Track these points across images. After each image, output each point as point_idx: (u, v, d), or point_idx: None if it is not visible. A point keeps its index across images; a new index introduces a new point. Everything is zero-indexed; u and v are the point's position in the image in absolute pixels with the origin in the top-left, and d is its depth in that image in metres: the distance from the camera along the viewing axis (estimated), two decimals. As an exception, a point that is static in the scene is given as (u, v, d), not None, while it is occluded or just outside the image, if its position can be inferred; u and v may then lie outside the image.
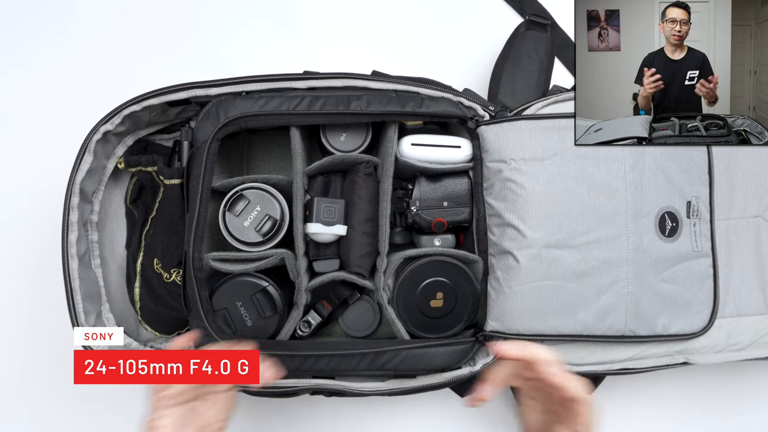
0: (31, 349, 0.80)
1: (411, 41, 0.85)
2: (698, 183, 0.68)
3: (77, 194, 0.64)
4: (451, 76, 0.75)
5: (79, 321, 0.63)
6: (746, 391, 0.80)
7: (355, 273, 0.68)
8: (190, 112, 0.72)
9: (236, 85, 0.64)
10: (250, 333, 0.66)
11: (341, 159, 0.68)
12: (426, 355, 0.65)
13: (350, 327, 0.74)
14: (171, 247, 0.69)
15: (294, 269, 0.67)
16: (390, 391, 0.66)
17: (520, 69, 0.75)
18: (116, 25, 0.85)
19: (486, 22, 0.85)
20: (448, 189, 0.69)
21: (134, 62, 0.84)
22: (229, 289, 0.66)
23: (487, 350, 0.69)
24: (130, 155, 0.70)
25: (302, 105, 0.63)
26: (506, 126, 0.66)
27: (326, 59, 0.83)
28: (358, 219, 0.68)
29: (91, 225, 0.68)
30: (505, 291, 0.66)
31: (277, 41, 0.85)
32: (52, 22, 0.84)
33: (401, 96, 0.65)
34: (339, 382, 0.66)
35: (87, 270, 0.67)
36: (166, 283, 0.69)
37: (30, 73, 0.83)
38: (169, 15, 0.85)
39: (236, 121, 0.63)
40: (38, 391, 0.79)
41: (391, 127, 0.66)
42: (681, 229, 0.67)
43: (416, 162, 0.68)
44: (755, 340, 0.69)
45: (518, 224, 0.65)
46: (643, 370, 0.69)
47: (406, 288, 0.68)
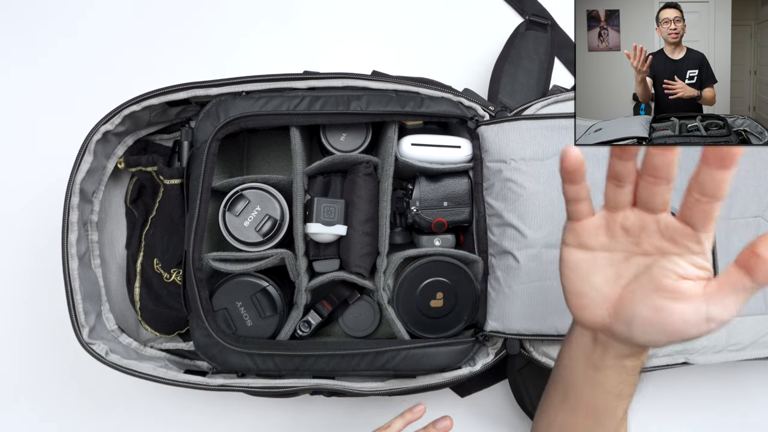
0: (30, 349, 0.80)
1: (411, 41, 0.85)
2: (698, 183, 0.68)
3: (77, 194, 0.64)
4: (451, 76, 0.75)
5: (79, 321, 0.63)
6: (746, 391, 0.80)
7: (355, 273, 0.68)
8: (190, 112, 0.72)
9: (236, 85, 0.64)
10: (250, 333, 0.66)
11: (341, 159, 0.68)
12: (426, 355, 0.65)
13: (350, 327, 0.74)
14: (171, 247, 0.69)
15: (294, 269, 0.67)
16: (390, 391, 0.66)
17: (520, 69, 0.75)
18: (116, 25, 0.85)
19: (486, 22, 0.85)
20: (448, 189, 0.69)
21: (134, 62, 0.84)
22: (229, 289, 0.66)
23: (487, 350, 0.69)
24: (130, 155, 0.70)
25: (302, 105, 0.63)
26: (506, 126, 0.67)
27: (326, 59, 0.84)
28: (358, 219, 0.68)
29: (91, 225, 0.68)
30: (505, 291, 0.66)
31: (277, 41, 0.85)
32: (52, 23, 0.84)
33: (401, 96, 0.65)
34: (339, 382, 0.66)
35: (87, 270, 0.67)
36: (166, 283, 0.69)
37: (30, 74, 0.83)
38: (169, 15, 0.85)
39: (236, 121, 0.63)
40: (38, 391, 0.79)
41: (391, 127, 0.66)
42: (681, 229, 0.67)
43: (416, 162, 0.68)
44: (755, 340, 0.69)
45: (518, 224, 0.65)
46: (643, 370, 0.69)
47: (406, 288, 0.68)
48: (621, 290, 0.42)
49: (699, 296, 0.37)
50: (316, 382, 0.66)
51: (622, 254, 0.42)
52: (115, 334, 0.68)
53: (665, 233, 0.39)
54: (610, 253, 0.42)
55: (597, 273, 0.43)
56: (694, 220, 0.37)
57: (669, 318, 0.38)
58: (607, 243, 0.42)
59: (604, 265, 0.42)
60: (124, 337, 0.69)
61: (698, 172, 0.35)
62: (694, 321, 0.37)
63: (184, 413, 0.79)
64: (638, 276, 0.41)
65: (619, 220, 0.41)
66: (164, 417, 0.79)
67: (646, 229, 0.40)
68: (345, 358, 0.64)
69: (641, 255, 0.41)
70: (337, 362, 0.64)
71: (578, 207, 0.42)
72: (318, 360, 0.64)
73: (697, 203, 0.36)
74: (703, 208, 0.36)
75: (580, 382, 0.48)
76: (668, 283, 0.39)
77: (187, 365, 0.70)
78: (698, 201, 0.36)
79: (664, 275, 0.39)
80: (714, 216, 0.36)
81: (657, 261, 0.40)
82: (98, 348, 0.63)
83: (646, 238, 0.40)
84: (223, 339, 0.63)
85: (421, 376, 0.67)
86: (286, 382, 0.65)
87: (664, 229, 0.39)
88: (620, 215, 0.41)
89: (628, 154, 0.38)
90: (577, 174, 0.41)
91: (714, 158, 0.35)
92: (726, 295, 0.36)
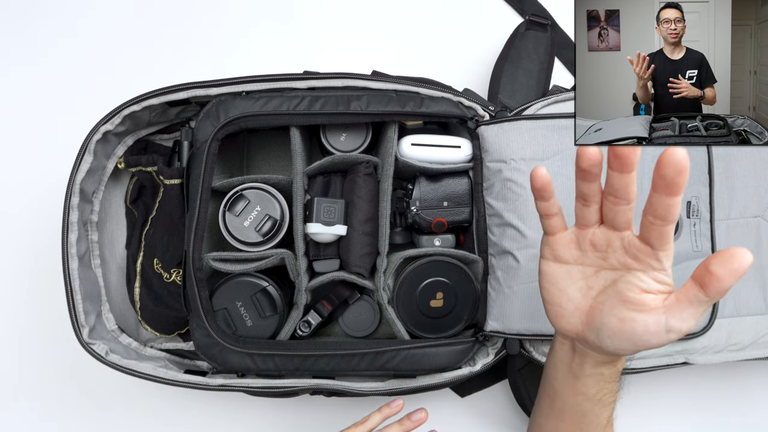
0: (30, 349, 0.80)
1: (411, 41, 0.85)
2: (698, 183, 0.68)
3: (77, 194, 0.64)
4: (451, 76, 0.75)
5: (79, 321, 0.63)
6: (746, 391, 0.80)
7: (355, 273, 0.68)
8: (190, 112, 0.72)
9: (236, 85, 0.64)
10: (250, 333, 0.66)
11: (341, 159, 0.68)
12: (426, 355, 0.65)
13: (350, 327, 0.74)
14: (171, 247, 0.69)
15: (294, 269, 0.67)
16: (390, 391, 0.66)
17: (520, 69, 0.75)
18: (116, 25, 0.85)
19: (486, 22, 0.85)
20: (448, 189, 0.69)
21: (134, 62, 0.84)
22: (229, 289, 0.66)
23: (487, 350, 0.69)
24: (130, 155, 0.70)
25: (302, 105, 0.63)
26: (506, 126, 0.67)
27: (326, 59, 0.84)
28: (358, 219, 0.68)
29: (91, 225, 0.68)
30: (505, 291, 0.66)
31: (277, 41, 0.85)
32: (52, 23, 0.84)
33: (401, 96, 0.65)
34: (339, 382, 0.66)
35: (87, 270, 0.67)
36: (166, 283, 0.69)
37: (30, 74, 0.83)
38: (169, 15, 0.85)
39: (236, 121, 0.63)
40: (38, 390, 0.79)
41: (391, 127, 0.66)
42: (681, 229, 0.67)
43: (416, 162, 0.68)
44: (755, 340, 0.69)
45: (518, 224, 0.65)
46: (643, 370, 0.69)
47: (406, 288, 0.68)
48: (592, 301, 0.45)
49: (660, 309, 0.41)
50: (316, 382, 0.66)
51: (592, 268, 0.45)
52: (115, 334, 0.68)
53: (629, 250, 0.42)
54: (582, 266, 0.46)
55: (571, 285, 0.46)
56: (652, 240, 0.40)
57: (633, 328, 0.41)
58: (579, 257, 0.46)
59: (577, 278, 0.46)
60: (124, 337, 0.69)
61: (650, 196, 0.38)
62: (655, 331, 0.40)
63: (184, 413, 0.79)
64: (606, 288, 0.44)
65: (588, 236, 0.44)
66: (164, 417, 0.79)
67: (611, 246, 0.43)
68: (345, 358, 0.64)
69: (609, 269, 0.44)
70: (337, 362, 0.64)
71: (550, 221, 0.46)
72: (318, 360, 0.64)
73: (651, 225, 0.39)
74: (658, 229, 0.39)
75: (564, 389, 0.51)
76: (632, 296, 0.41)
77: (187, 365, 0.70)
78: (652, 223, 0.39)
79: (629, 289, 0.42)
80: (669, 237, 0.39)
81: (622, 275, 0.43)
82: (98, 348, 0.63)
83: (612, 253, 0.43)
84: (223, 339, 0.63)
85: (421, 376, 0.67)
86: (286, 382, 0.65)
87: (628, 246, 0.42)
88: (589, 232, 0.44)
89: (591, 176, 0.41)
90: (545, 191, 0.44)
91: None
92: (684, 308, 0.39)
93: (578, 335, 0.46)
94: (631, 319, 0.41)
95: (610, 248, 0.43)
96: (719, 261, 0.36)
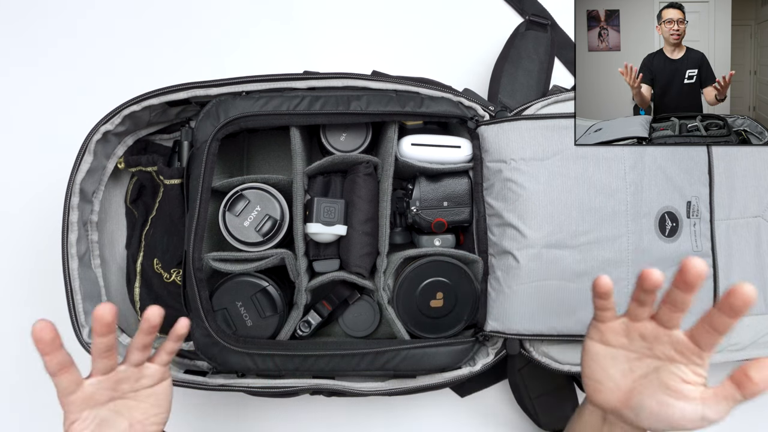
0: (30, 349, 0.79)
1: (411, 41, 0.85)
2: (698, 183, 0.68)
3: (77, 194, 0.64)
4: (451, 76, 0.75)
5: (79, 321, 0.63)
6: (746, 391, 0.80)
7: (355, 273, 0.68)
8: (190, 112, 0.72)
9: (236, 85, 0.64)
10: (250, 333, 0.66)
11: (341, 159, 0.68)
12: (426, 355, 0.65)
13: (350, 327, 0.74)
14: (171, 247, 0.69)
15: (294, 269, 0.67)
16: (390, 391, 0.66)
17: (520, 69, 0.75)
18: (116, 25, 0.85)
19: (486, 22, 0.85)
20: (448, 189, 0.69)
21: (134, 62, 0.84)
22: (229, 289, 0.66)
23: (487, 350, 0.69)
24: (130, 155, 0.70)
25: (302, 105, 0.63)
26: (506, 126, 0.66)
27: (326, 59, 0.84)
28: (358, 219, 0.68)
29: (91, 225, 0.68)
30: (505, 291, 0.66)
31: (277, 41, 0.85)
32: (52, 23, 0.84)
33: (401, 96, 0.65)
34: (339, 382, 0.66)
35: (87, 270, 0.67)
36: (166, 283, 0.69)
37: (30, 74, 0.83)
38: (169, 15, 0.85)
39: (236, 121, 0.63)
40: (38, 391, 0.79)
41: (391, 127, 0.66)
42: (681, 229, 0.67)
43: (416, 162, 0.68)
44: (755, 340, 0.69)
45: (518, 224, 0.65)
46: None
47: (406, 288, 0.68)
48: (632, 383, 0.49)
49: (697, 398, 0.45)
50: (316, 382, 0.66)
51: (637, 354, 0.50)
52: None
53: (675, 345, 0.47)
54: (627, 351, 0.50)
55: (614, 366, 0.51)
56: (702, 343, 0.45)
57: (671, 412, 0.46)
58: (626, 343, 0.50)
59: (620, 361, 0.50)
60: (124, 337, 0.69)
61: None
62: (690, 417, 0.45)
63: (184, 413, 0.79)
64: (648, 374, 0.49)
65: (638, 329, 0.49)
66: (164, 417, 0.79)
67: (659, 339, 0.48)
68: (345, 358, 0.64)
69: (653, 358, 0.49)
70: (337, 362, 0.64)
71: (605, 314, 0.51)
72: (318, 360, 0.64)
73: (707, 333, 0.44)
74: (712, 338, 0.45)
75: None
76: (673, 384, 0.46)
77: (187, 365, 0.70)
78: (709, 332, 0.44)
79: (670, 378, 0.47)
80: (717, 345, 0.45)
81: (665, 365, 0.48)
82: (98, 348, 0.63)
83: (658, 345, 0.48)
84: (223, 339, 0.63)
85: (421, 376, 0.67)
86: (286, 382, 0.65)
87: (675, 342, 0.47)
88: (639, 325, 0.49)
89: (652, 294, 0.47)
90: (608, 297, 0.49)
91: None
92: (719, 402, 0.44)
93: (614, 409, 0.50)
94: (670, 405, 0.46)
95: (657, 341, 0.48)
96: (758, 367, 0.42)
